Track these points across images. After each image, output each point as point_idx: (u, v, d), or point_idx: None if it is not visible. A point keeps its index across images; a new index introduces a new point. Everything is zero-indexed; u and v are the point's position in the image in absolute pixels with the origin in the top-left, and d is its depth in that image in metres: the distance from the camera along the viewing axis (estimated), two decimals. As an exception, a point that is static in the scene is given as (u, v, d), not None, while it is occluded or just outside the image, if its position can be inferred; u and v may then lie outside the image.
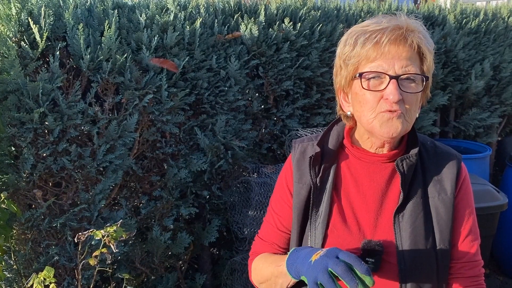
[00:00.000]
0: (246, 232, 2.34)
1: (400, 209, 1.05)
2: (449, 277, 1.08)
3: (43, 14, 1.71)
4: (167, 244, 2.13)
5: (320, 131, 1.24)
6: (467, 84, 3.31)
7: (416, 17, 1.03)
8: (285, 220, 1.18)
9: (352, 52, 1.01)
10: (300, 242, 1.13)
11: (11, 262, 1.91)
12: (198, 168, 2.15)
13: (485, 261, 2.86)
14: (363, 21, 1.07)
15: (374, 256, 1.01)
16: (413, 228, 1.03)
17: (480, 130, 3.49)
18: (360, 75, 0.99)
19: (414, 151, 1.05)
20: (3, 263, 1.82)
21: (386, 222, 1.06)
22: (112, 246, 1.58)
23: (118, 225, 1.62)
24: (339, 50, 1.06)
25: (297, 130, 2.35)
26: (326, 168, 1.11)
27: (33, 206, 1.88)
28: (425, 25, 3.64)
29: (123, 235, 1.62)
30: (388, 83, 0.97)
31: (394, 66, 0.97)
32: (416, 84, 0.99)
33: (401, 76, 0.97)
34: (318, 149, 1.10)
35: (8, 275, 1.91)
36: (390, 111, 0.98)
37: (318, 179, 1.10)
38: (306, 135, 2.25)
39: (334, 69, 1.10)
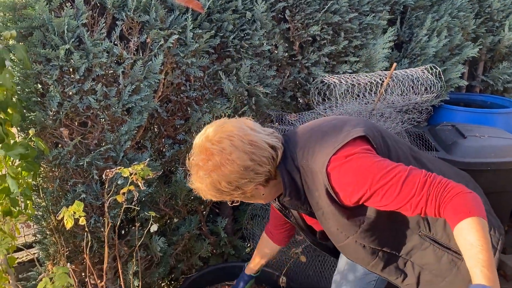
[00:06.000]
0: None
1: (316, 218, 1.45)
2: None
3: None
4: (190, 187, 2.15)
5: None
6: (500, 36, 3.18)
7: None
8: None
9: None
10: None
11: (39, 200, 1.95)
12: (221, 113, 2.13)
13: (505, 217, 2.85)
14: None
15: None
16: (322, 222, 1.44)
17: (509, 85, 3.38)
18: None
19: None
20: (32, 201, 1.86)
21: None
22: (140, 184, 1.60)
23: (145, 164, 1.63)
24: None
25: (323, 77, 2.29)
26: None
27: (60, 144, 1.90)
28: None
29: (150, 174, 1.64)
30: None
31: None
32: None
33: None
34: (278, 205, 1.59)
35: (36, 213, 1.95)
36: None
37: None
38: (332, 82, 2.20)
39: None
